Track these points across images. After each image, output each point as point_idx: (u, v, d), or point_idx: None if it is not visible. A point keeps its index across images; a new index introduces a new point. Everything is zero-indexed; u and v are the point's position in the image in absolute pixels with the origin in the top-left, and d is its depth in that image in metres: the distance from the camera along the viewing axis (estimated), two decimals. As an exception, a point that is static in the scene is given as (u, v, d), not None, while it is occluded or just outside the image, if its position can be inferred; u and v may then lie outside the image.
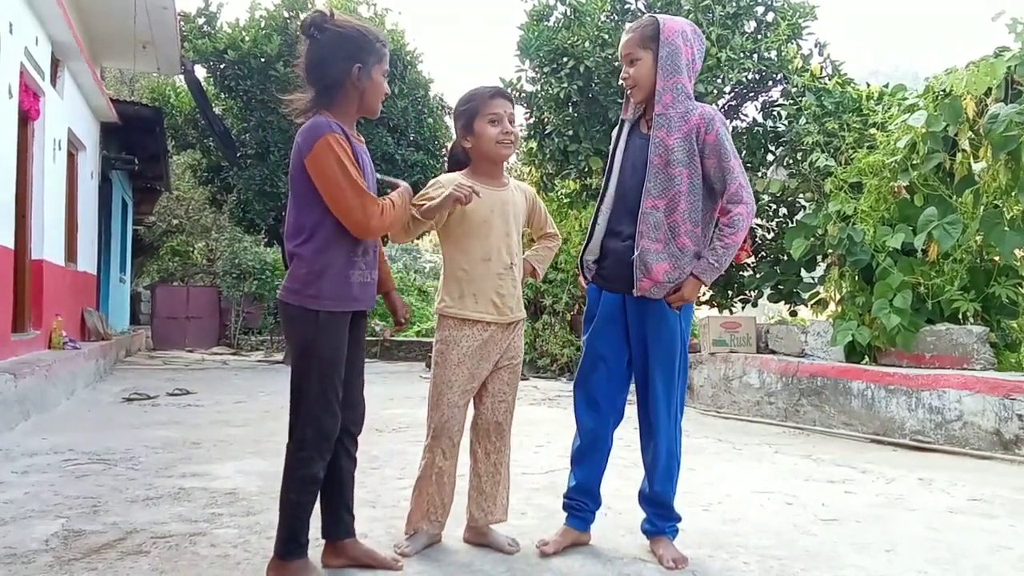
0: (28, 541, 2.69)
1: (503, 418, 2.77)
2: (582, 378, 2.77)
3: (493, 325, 2.69)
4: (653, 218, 2.59)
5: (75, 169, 9.90)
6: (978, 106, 5.62)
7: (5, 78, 6.30)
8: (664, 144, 2.59)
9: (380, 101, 2.44)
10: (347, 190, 2.24)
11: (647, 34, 2.62)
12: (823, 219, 6.52)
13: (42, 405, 5.72)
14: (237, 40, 11.42)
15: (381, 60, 2.38)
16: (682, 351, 2.66)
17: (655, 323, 2.62)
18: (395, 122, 11.92)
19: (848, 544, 2.89)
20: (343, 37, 2.31)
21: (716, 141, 2.58)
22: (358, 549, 2.50)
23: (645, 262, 2.58)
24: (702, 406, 7.16)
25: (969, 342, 5.44)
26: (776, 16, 8.11)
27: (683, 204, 2.58)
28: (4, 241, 6.26)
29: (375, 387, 8.42)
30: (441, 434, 2.67)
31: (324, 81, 2.32)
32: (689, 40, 2.63)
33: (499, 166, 2.80)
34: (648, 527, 2.72)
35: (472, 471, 2.78)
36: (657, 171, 2.59)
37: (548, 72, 8.52)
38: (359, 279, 2.38)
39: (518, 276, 2.77)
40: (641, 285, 2.60)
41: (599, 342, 2.72)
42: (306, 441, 2.29)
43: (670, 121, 2.59)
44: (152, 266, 21.85)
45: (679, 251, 2.58)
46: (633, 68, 2.65)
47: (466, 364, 2.66)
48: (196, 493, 3.43)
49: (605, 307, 2.72)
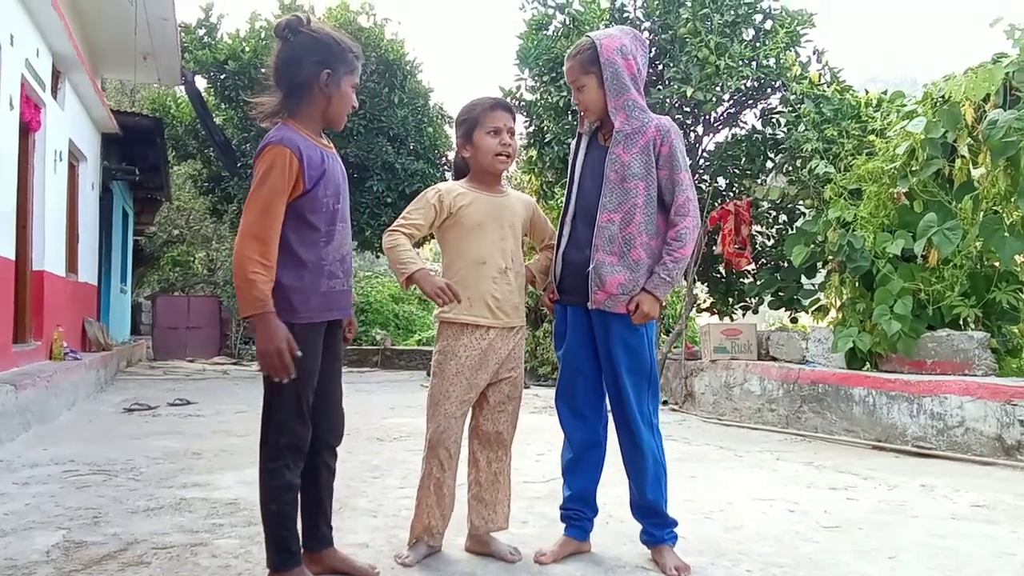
0: (29, 552, 2.69)
1: (504, 428, 2.76)
2: (563, 391, 2.79)
3: (492, 332, 2.68)
4: (608, 231, 2.61)
5: (76, 180, 9.91)
6: (977, 112, 5.63)
7: (6, 89, 6.32)
8: (620, 160, 2.62)
9: (345, 113, 2.40)
10: (256, 206, 2.19)
11: (586, 59, 2.64)
12: (823, 226, 6.53)
13: (43, 416, 5.72)
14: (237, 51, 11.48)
15: (352, 71, 2.36)
16: (650, 358, 2.68)
17: (620, 334, 2.63)
18: (395, 131, 11.96)
19: (850, 551, 2.88)
20: (316, 42, 2.30)
21: (669, 153, 2.61)
22: (336, 558, 2.50)
23: (600, 274, 2.60)
24: (703, 413, 7.15)
25: (970, 348, 5.44)
26: (775, 24, 8.13)
27: (639, 216, 2.60)
28: (5, 252, 6.27)
29: (376, 396, 8.43)
30: (437, 445, 2.66)
31: (291, 83, 2.31)
32: (630, 53, 2.64)
33: (496, 177, 2.81)
34: (647, 538, 2.71)
35: (473, 479, 2.78)
36: (613, 186, 2.62)
37: (547, 81, 8.56)
38: (336, 287, 2.36)
39: (516, 282, 2.77)
40: (596, 297, 2.62)
41: (572, 357, 2.74)
42: (279, 451, 2.28)
43: (627, 137, 2.62)
44: (153, 276, 21.86)
45: (634, 263, 2.60)
46: (581, 95, 2.68)
47: (464, 375, 2.66)
48: (197, 503, 3.42)
49: (572, 321, 2.74)
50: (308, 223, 2.29)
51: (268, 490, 2.30)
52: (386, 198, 11.89)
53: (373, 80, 11.94)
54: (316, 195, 2.29)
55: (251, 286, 2.15)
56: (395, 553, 2.68)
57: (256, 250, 2.17)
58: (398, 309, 19.24)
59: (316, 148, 2.31)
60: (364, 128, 11.86)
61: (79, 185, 10.01)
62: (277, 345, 2.15)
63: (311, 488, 2.43)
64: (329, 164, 2.34)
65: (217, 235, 19.14)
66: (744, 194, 8.51)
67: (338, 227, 2.37)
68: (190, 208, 19.00)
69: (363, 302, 18.55)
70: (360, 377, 11.54)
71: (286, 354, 2.17)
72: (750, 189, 8.46)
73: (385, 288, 19.87)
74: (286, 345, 2.17)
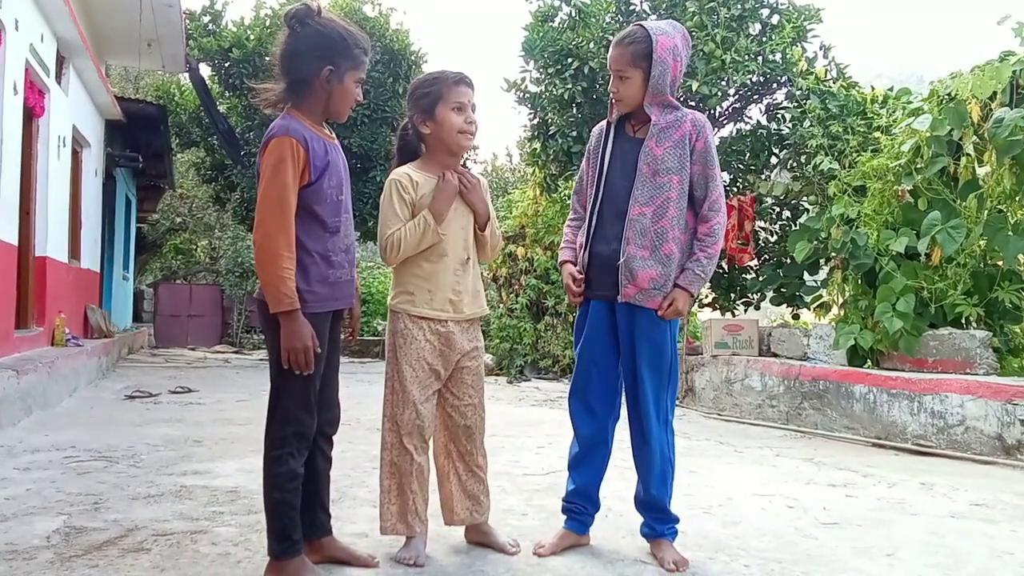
0: (29, 537, 2.70)
1: (472, 421, 2.69)
2: (578, 387, 2.77)
3: (451, 324, 2.63)
4: (640, 225, 2.59)
5: (79, 166, 9.91)
6: (983, 110, 5.61)
7: (11, 75, 6.31)
8: (653, 154, 2.59)
9: (348, 107, 2.39)
10: (271, 198, 2.20)
11: (639, 52, 2.58)
12: (826, 222, 6.51)
13: (45, 402, 5.73)
14: (242, 38, 11.45)
15: (357, 67, 2.34)
16: (672, 354, 2.66)
17: (645, 329, 2.61)
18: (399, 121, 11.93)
19: (849, 548, 2.88)
20: (322, 36, 2.28)
21: (704, 148, 2.60)
22: (335, 547, 2.51)
23: (631, 268, 2.58)
24: (703, 409, 7.15)
25: (972, 347, 5.43)
26: (781, 19, 8.10)
27: (672, 210, 2.58)
28: (8, 238, 6.27)
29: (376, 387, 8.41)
30: (413, 431, 2.56)
31: (293, 76, 2.31)
32: (680, 55, 2.60)
33: (457, 157, 2.70)
34: (647, 531, 2.72)
35: (451, 471, 2.72)
36: (645, 179, 2.60)
37: (552, 73, 8.53)
38: (341, 277, 2.37)
39: (475, 271, 2.70)
40: (626, 291, 2.60)
41: (590, 350, 2.72)
42: (286, 439, 2.29)
43: (661, 131, 2.60)
44: (155, 264, 21.90)
45: (665, 258, 2.58)
46: (623, 85, 2.63)
47: (425, 359, 2.58)
48: (197, 491, 3.43)
49: (594, 315, 2.71)
50: (314, 214, 2.29)
51: (272, 478, 2.30)
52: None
53: (377, 70, 11.91)
54: (321, 186, 2.29)
55: (282, 283, 2.18)
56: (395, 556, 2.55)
57: (283, 245, 2.19)
58: (399, 300, 19.24)
59: (320, 139, 2.32)
60: (368, 118, 11.84)
61: (82, 171, 10.01)
62: (305, 343, 2.21)
63: (310, 477, 2.43)
64: (332, 155, 2.34)
65: (220, 223, 19.14)
66: (748, 189, 8.49)
67: (342, 218, 2.38)
68: (193, 196, 19.00)
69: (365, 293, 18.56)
70: (361, 367, 11.55)
71: (311, 352, 2.22)
72: (754, 185, 8.44)
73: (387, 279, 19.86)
74: (312, 343, 2.23)
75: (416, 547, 2.56)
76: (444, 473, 2.75)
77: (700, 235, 2.61)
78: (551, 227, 10.32)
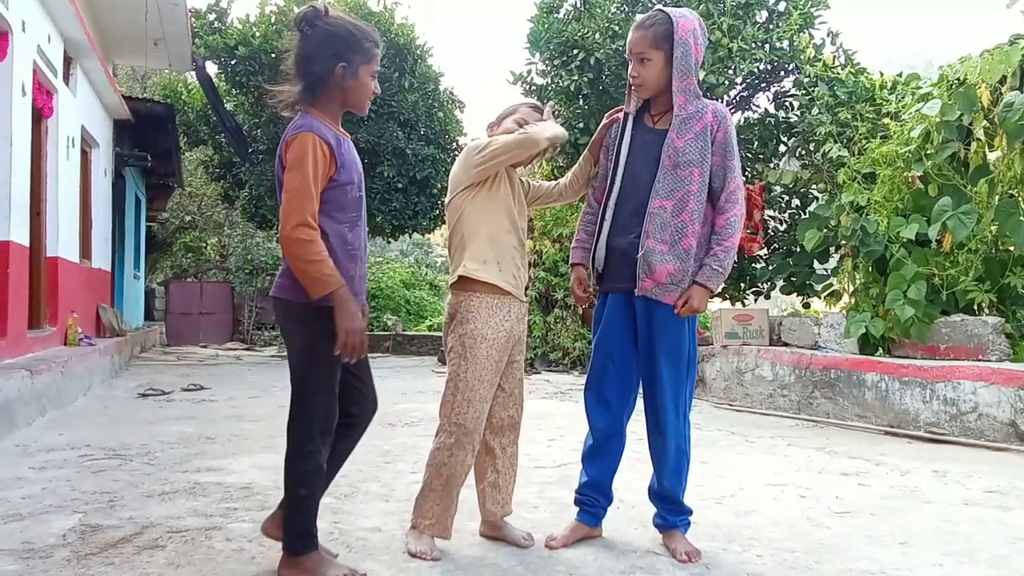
0: (45, 536, 2.72)
1: (514, 412, 2.74)
2: (594, 379, 2.75)
3: (514, 309, 2.63)
4: (660, 218, 2.57)
5: (89, 166, 9.96)
6: (993, 94, 5.56)
7: (19, 76, 6.34)
8: (674, 146, 2.57)
9: (367, 99, 2.42)
10: (295, 190, 2.21)
11: (660, 33, 2.56)
12: (836, 210, 6.48)
13: (59, 401, 5.78)
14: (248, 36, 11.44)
15: (369, 60, 2.37)
16: (690, 347, 2.65)
17: (663, 322, 2.60)
18: (405, 116, 11.91)
19: (862, 537, 2.88)
20: (332, 35, 2.31)
21: (724, 139, 2.58)
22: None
23: (649, 262, 2.56)
24: (715, 399, 7.14)
25: (984, 333, 5.40)
26: (788, 6, 8.05)
27: (692, 204, 2.56)
28: (19, 238, 6.31)
29: (388, 382, 8.45)
30: (474, 431, 2.57)
31: (309, 77, 2.33)
32: (699, 38, 2.61)
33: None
34: (660, 522, 2.72)
35: (490, 467, 2.73)
36: (667, 172, 2.58)
37: (558, 65, 8.50)
38: (356, 272, 2.39)
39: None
40: (643, 285, 2.58)
41: (606, 342, 2.71)
42: (313, 435, 2.30)
43: (682, 122, 2.58)
44: (165, 262, 21.98)
45: (684, 252, 2.56)
46: (643, 68, 2.60)
47: (494, 357, 2.57)
48: (211, 488, 3.45)
49: (611, 308, 2.70)
50: (337, 209, 2.32)
51: (299, 474, 2.31)
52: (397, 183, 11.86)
53: (383, 65, 11.83)
54: (342, 182, 2.32)
55: (322, 265, 2.21)
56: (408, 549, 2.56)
57: (310, 234, 2.21)
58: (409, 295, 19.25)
59: (338, 137, 2.35)
60: (375, 113, 11.81)
61: (92, 171, 10.06)
62: (360, 325, 2.26)
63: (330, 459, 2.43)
64: (349, 152, 2.38)
65: (229, 221, 19.18)
66: (757, 178, 8.45)
67: (360, 213, 2.41)
68: (202, 194, 19.05)
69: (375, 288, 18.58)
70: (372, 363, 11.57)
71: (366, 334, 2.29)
72: (763, 173, 8.40)
73: (396, 274, 19.88)
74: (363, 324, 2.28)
75: (428, 540, 2.57)
76: (482, 471, 2.74)
77: (717, 228, 2.59)
78: (559, 220, 10.30)
